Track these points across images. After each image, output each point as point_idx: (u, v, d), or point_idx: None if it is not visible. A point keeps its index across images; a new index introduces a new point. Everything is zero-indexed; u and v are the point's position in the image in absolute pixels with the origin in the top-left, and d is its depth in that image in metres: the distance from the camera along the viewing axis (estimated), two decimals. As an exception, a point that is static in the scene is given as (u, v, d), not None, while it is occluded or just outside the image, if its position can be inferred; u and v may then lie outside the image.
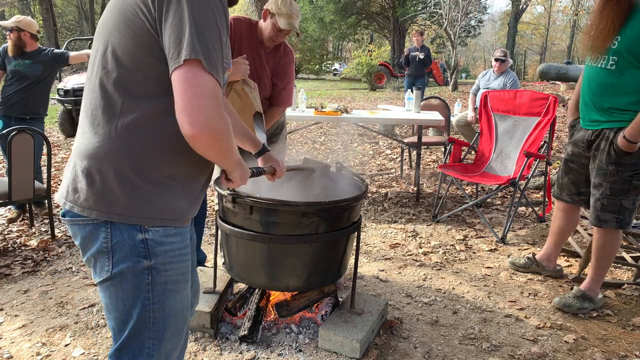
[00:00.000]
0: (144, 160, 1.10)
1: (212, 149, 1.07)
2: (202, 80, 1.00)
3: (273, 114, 2.70)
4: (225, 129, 1.05)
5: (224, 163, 1.18)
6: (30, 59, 3.94)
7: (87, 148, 1.11)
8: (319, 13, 25.77)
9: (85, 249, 1.16)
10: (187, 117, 1.00)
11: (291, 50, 2.71)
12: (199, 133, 1.01)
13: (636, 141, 2.24)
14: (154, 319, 1.17)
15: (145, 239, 1.12)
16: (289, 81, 2.71)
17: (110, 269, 1.13)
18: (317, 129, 8.89)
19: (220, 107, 1.03)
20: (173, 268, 1.18)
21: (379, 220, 4.05)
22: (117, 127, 1.09)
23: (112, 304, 1.17)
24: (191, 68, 1.00)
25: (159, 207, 1.13)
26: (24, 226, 3.88)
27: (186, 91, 0.99)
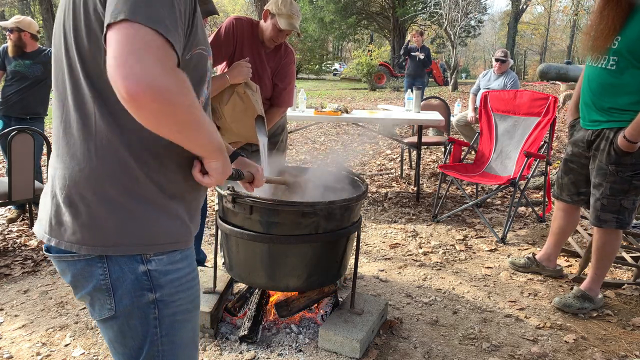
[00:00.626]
0: (131, 179, 0.95)
1: (163, 116, 0.82)
2: (140, 33, 0.79)
3: (274, 114, 2.70)
4: (178, 88, 0.81)
5: (194, 142, 0.93)
6: (30, 60, 3.94)
7: (65, 174, 0.97)
8: (319, 13, 25.78)
9: (78, 288, 1.02)
10: (118, 68, 0.77)
11: (292, 51, 2.71)
12: (135, 87, 0.77)
13: (636, 141, 2.24)
14: (163, 352, 1.06)
15: (148, 270, 0.99)
16: (289, 81, 2.71)
17: (113, 307, 1.00)
18: (317, 129, 8.89)
19: (169, 61, 0.82)
20: (181, 297, 1.05)
21: (379, 220, 4.05)
22: (96, 144, 0.94)
23: (118, 341, 1.06)
24: (131, 25, 0.80)
25: (158, 231, 0.99)
26: (24, 226, 3.88)
27: (120, 45, 0.78)
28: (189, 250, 1.08)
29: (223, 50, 2.51)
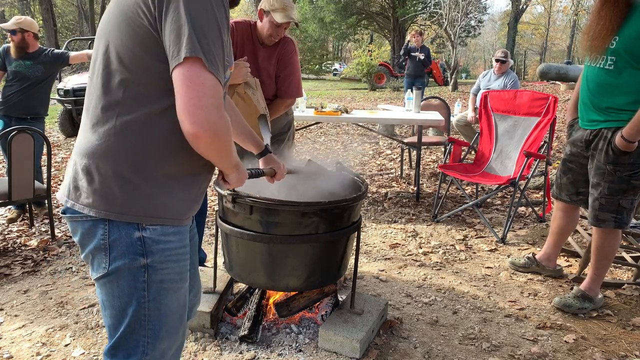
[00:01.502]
0: (142, 159, 1.10)
1: (212, 149, 1.07)
2: (203, 79, 1.00)
3: (279, 106, 2.66)
4: (225, 129, 1.05)
5: (222, 164, 1.19)
6: (31, 60, 3.94)
7: (87, 146, 1.12)
8: (319, 13, 25.77)
9: (83, 245, 1.17)
10: (189, 115, 1.00)
11: (292, 41, 2.67)
12: (200, 132, 1.01)
13: (634, 140, 2.25)
14: (149, 317, 1.17)
15: (143, 236, 1.12)
16: (291, 70, 2.65)
17: (107, 265, 1.13)
18: (317, 129, 8.89)
19: (221, 106, 1.03)
20: (170, 267, 1.18)
21: (379, 220, 4.05)
22: (116, 125, 1.09)
23: (108, 300, 1.17)
24: (192, 66, 0.99)
25: (157, 207, 1.13)
26: (24, 226, 3.89)
27: (187, 90, 0.99)
28: (183, 228, 1.21)
29: None
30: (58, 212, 4.22)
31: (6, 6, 25.64)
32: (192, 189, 1.21)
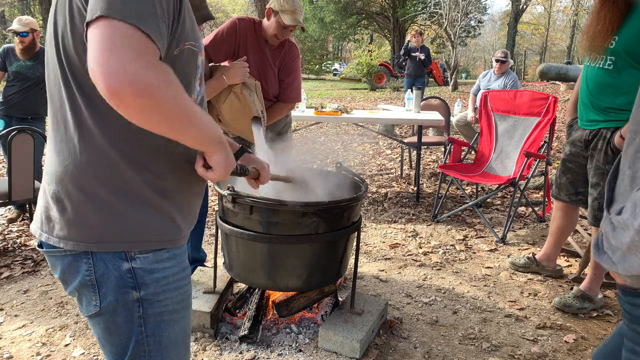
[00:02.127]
0: (116, 175, 0.95)
1: (147, 110, 0.81)
2: (119, 29, 0.79)
3: (281, 109, 2.68)
4: (160, 81, 0.80)
5: (187, 135, 0.90)
6: (32, 61, 3.94)
7: (53, 169, 0.98)
8: (319, 13, 25.78)
9: (66, 282, 1.03)
10: (98, 65, 0.77)
11: (296, 46, 2.70)
12: (115, 83, 0.76)
13: None
14: (150, 352, 1.05)
15: (133, 267, 0.98)
16: (295, 76, 2.69)
17: (98, 303, 1.00)
18: (317, 129, 8.89)
19: (150, 60, 0.80)
20: (168, 297, 1.04)
21: (379, 220, 4.06)
22: (83, 141, 0.94)
23: (104, 338, 1.06)
24: (108, 21, 0.79)
25: (143, 230, 0.98)
26: (24, 226, 3.89)
27: (98, 43, 0.78)
28: (179, 250, 1.06)
29: (224, 49, 2.52)
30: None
31: (6, 6, 25.64)
32: (184, 205, 1.05)
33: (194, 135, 0.91)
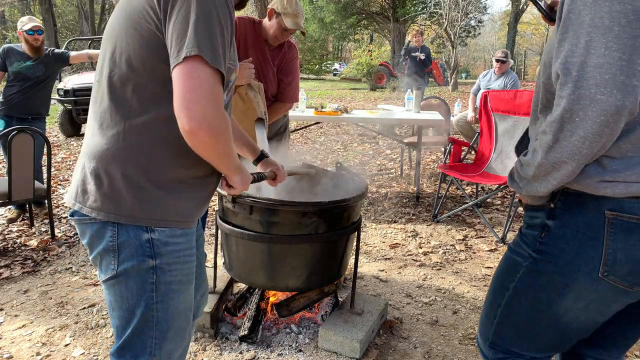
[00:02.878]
0: (151, 163, 1.11)
1: (210, 148, 1.04)
2: (201, 73, 0.97)
3: (279, 109, 2.70)
4: (224, 128, 1.02)
5: (223, 165, 1.15)
6: (32, 60, 3.94)
7: (96, 150, 1.12)
8: (319, 13, 25.79)
9: (92, 247, 1.16)
10: (184, 109, 0.97)
11: (295, 46, 2.71)
12: (196, 127, 0.98)
13: None
14: (157, 318, 1.18)
15: (151, 238, 1.13)
16: (294, 76, 2.71)
17: (115, 267, 1.13)
18: (317, 129, 8.89)
19: (220, 104, 1.01)
20: (178, 268, 1.18)
21: (379, 220, 4.05)
22: (125, 129, 1.09)
23: (116, 302, 1.17)
24: (190, 63, 0.97)
25: (165, 210, 1.13)
26: (24, 226, 3.89)
27: (184, 84, 0.97)
28: (190, 230, 1.21)
29: None
30: (58, 212, 4.22)
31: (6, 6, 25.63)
32: (199, 192, 1.21)
33: (227, 164, 1.15)
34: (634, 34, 0.86)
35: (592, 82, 0.87)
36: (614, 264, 0.99)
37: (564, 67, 0.92)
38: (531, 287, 1.13)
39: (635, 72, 0.86)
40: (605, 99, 0.86)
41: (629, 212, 0.97)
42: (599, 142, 0.91)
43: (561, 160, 0.95)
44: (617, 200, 0.97)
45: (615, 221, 0.97)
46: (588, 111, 0.88)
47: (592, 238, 1.00)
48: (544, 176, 1.01)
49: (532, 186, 1.05)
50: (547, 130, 0.98)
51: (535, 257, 1.11)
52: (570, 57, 0.91)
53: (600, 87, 0.87)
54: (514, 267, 1.17)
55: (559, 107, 0.93)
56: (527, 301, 1.15)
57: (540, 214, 1.10)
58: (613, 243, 0.98)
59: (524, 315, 1.17)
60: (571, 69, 0.90)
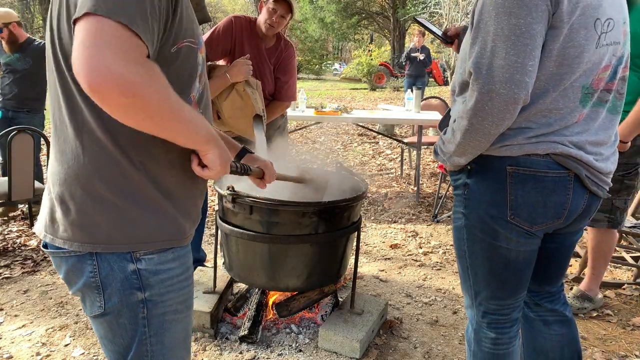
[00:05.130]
0: (120, 175, 0.94)
1: (134, 109, 0.81)
2: (105, 26, 0.78)
3: (276, 108, 2.71)
4: (145, 80, 0.80)
5: (179, 136, 0.91)
6: (19, 52, 3.92)
7: (57, 171, 0.98)
8: (319, 13, 25.78)
9: (70, 283, 1.03)
10: (82, 63, 0.76)
11: (292, 45, 2.73)
12: (97, 81, 0.76)
13: (627, 141, 2.24)
14: (152, 352, 1.06)
15: (138, 269, 0.98)
16: (290, 75, 2.72)
17: (102, 304, 1.00)
18: (317, 129, 8.89)
19: (135, 58, 0.80)
20: (172, 297, 1.04)
21: (379, 220, 4.05)
22: (84, 141, 0.93)
23: (107, 338, 1.06)
24: (94, 18, 0.78)
25: (148, 230, 0.98)
26: (24, 226, 3.88)
27: (82, 39, 0.78)
28: (183, 250, 1.06)
29: (220, 46, 2.53)
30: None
31: (6, 6, 25.65)
32: (187, 204, 1.05)
33: (182, 133, 0.91)
34: (524, 42, 1.11)
35: (497, 80, 1.12)
36: (516, 208, 1.25)
37: (475, 66, 1.16)
38: (477, 240, 1.35)
39: (527, 71, 1.12)
40: (506, 93, 1.12)
41: (523, 166, 1.23)
42: (503, 124, 1.18)
43: (476, 140, 1.22)
44: (514, 158, 1.23)
45: (514, 173, 1.24)
46: (494, 102, 1.14)
47: (499, 189, 1.26)
48: (463, 151, 1.27)
49: (454, 159, 1.32)
50: (463, 117, 1.21)
51: (465, 213, 1.35)
52: (480, 59, 1.15)
53: (503, 83, 1.12)
54: (459, 230, 1.39)
55: (472, 99, 1.17)
56: (481, 253, 1.36)
57: (461, 175, 1.36)
58: (514, 191, 1.25)
59: (486, 267, 1.37)
60: (481, 68, 1.14)
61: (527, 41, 1.11)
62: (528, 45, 1.11)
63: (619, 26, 1.23)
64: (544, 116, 1.20)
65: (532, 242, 1.32)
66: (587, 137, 1.24)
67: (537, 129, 1.21)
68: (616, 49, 1.23)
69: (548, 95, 1.18)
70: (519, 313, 1.45)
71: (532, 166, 1.22)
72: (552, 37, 1.14)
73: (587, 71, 1.19)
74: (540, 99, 1.19)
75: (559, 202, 1.24)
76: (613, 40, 1.21)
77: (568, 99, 1.20)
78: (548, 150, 1.20)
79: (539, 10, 1.10)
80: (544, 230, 1.31)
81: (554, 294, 1.57)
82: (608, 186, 1.34)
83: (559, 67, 1.16)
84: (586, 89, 1.21)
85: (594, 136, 1.25)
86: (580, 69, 1.18)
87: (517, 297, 1.41)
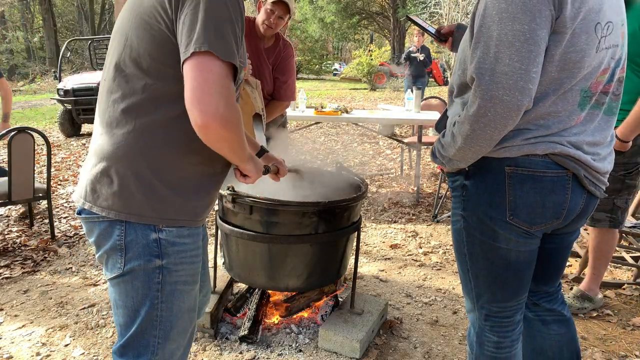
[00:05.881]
0: (161, 161, 1.11)
1: (223, 140, 1.04)
2: (213, 67, 0.98)
3: (275, 108, 2.72)
4: (236, 119, 1.03)
5: (236, 156, 1.15)
6: None
7: (105, 149, 1.12)
8: (319, 13, 25.78)
9: (99, 245, 1.17)
10: (197, 103, 0.97)
11: (290, 45, 2.74)
12: (209, 120, 0.98)
13: (627, 140, 2.24)
14: (161, 317, 1.18)
15: (159, 238, 1.13)
16: (289, 75, 2.72)
17: (122, 266, 1.14)
18: (317, 129, 8.89)
19: (231, 96, 1.01)
20: (184, 269, 1.18)
21: (379, 220, 4.05)
22: (135, 128, 1.09)
23: (121, 300, 1.18)
24: (201, 57, 0.98)
25: (174, 209, 1.14)
26: (24, 226, 3.89)
27: (195, 77, 0.97)
28: (197, 230, 1.21)
29: None
30: (58, 213, 4.22)
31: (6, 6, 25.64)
32: (207, 191, 1.21)
33: (240, 155, 1.15)
34: (529, 49, 1.10)
35: (500, 86, 1.11)
36: (515, 209, 1.25)
37: (478, 72, 1.14)
38: (476, 242, 1.35)
39: (530, 78, 1.11)
40: (509, 100, 1.11)
41: (522, 166, 1.23)
42: (505, 130, 1.18)
43: (478, 145, 1.21)
44: (513, 159, 1.23)
45: (512, 174, 1.24)
46: (497, 109, 1.13)
47: (497, 190, 1.26)
48: (464, 156, 1.27)
49: (453, 163, 1.32)
50: (465, 122, 1.20)
51: (464, 215, 1.35)
52: (483, 64, 1.14)
53: (506, 90, 1.11)
54: (458, 233, 1.39)
55: (474, 104, 1.16)
56: (481, 254, 1.35)
57: (459, 177, 1.36)
58: (513, 191, 1.25)
59: (486, 269, 1.36)
60: (484, 74, 1.13)
61: (531, 47, 1.10)
62: (532, 51, 1.10)
63: (618, 28, 1.23)
64: (543, 119, 1.20)
65: (532, 242, 1.33)
66: (585, 138, 1.24)
67: (535, 131, 1.21)
68: (615, 51, 1.23)
69: (548, 99, 1.18)
70: (521, 315, 1.45)
71: (531, 166, 1.22)
72: (555, 42, 1.13)
73: (587, 75, 1.19)
74: (540, 103, 1.19)
75: (558, 202, 1.25)
76: (612, 43, 1.21)
77: (567, 103, 1.20)
78: (547, 150, 1.21)
79: (543, 16, 1.09)
80: (543, 230, 1.31)
81: (552, 294, 1.57)
82: (605, 186, 1.34)
83: (560, 72, 1.16)
84: (585, 92, 1.21)
85: (590, 137, 1.25)
86: (581, 74, 1.17)
87: (519, 299, 1.41)
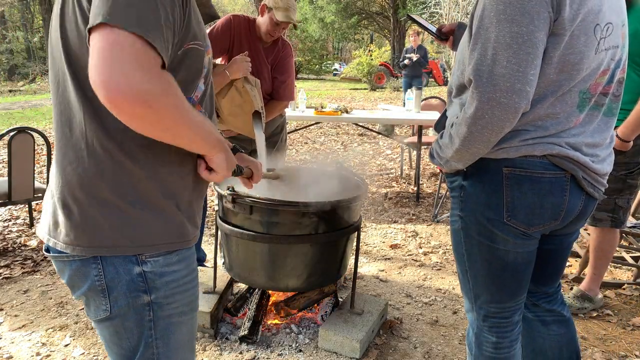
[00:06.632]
0: (124, 178, 0.94)
1: (150, 120, 0.82)
2: (121, 37, 0.78)
3: (274, 107, 2.72)
4: (161, 91, 0.80)
5: (193, 143, 0.94)
6: None
7: (60, 174, 0.96)
8: (319, 13, 25.79)
9: (74, 287, 1.01)
10: (100, 75, 0.77)
11: (289, 44, 2.74)
12: (115, 94, 0.77)
13: (629, 140, 2.24)
14: (158, 355, 1.06)
15: (144, 271, 0.98)
16: (288, 74, 2.72)
17: (108, 308, 0.99)
18: (317, 129, 8.89)
19: (151, 70, 0.80)
20: (177, 300, 1.04)
21: (379, 220, 4.05)
22: (87, 143, 0.92)
23: (113, 342, 1.05)
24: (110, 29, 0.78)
25: (153, 232, 0.97)
26: (24, 226, 3.89)
27: (99, 51, 0.78)
28: (188, 251, 1.06)
29: (219, 45, 2.55)
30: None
31: (6, 6, 25.65)
32: (192, 206, 1.05)
33: (193, 140, 0.93)
34: (527, 51, 1.09)
35: (498, 89, 1.11)
36: (513, 210, 1.25)
37: (476, 74, 1.13)
38: (474, 243, 1.35)
39: (528, 80, 1.10)
40: (507, 102, 1.11)
41: (519, 167, 1.23)
42: (503, 132, 1.17)
43: (475, 147, 1.21)
44: (510, 159, 1.23)
45: (510, 175, 1.24)
46: (495, 111, 1.12)
47: (495, 190, 1.27)
48: (461, 157, 1.27)
49: (451, 164, 1.32)
50: (462, 124, 1.20)
51: (462, 216, 1.36)
52: (480, 66, 1.13)
53: (504, 92, 1.10)
54: (457, 233, 1.39)
55: (472, 106, 1.15)
56: (479, 255, 1.35)
57: (457, 177, 1.36)
58: (510, 192, 1.25)
59: (484, 269, 1.36)
60: (482, 76, 1.12)
61: (529, 50, 1.09)
62: (530, 54, 1.09)
63: (618, 29, 1.22)
64: (541, 120, 1.20)
65: (530, 243, 1.33)
66: (583, 139, 1.23)
67: (533, 132, 1.20)
68: (614, 52, 1.22)
69: (546, 101, 1.18)
70: (519, 316, 1.45)
71: (529, 167, 1.22)
72: (553, 44, 1.12)
73: (586, 77, 1.18)
74: (538, 105, 1.18)
75: (556, 203, 1.25)
76: (612, 44, 1.20)
77: (565, 104, 1.19)
78: (545, 151, 1.20)
79: (541, 18, 1.08)
80: (541, 231, 1.31)
81: (552, 295, 1.57)
82: (604, 187, 1.33)
83: (559, 74, 1.15)
84: (584, 94, 1.20)
85: (589, 138, 1.25)
86: (580, 76, 1.17)
87: (517, 300, 1.41)
